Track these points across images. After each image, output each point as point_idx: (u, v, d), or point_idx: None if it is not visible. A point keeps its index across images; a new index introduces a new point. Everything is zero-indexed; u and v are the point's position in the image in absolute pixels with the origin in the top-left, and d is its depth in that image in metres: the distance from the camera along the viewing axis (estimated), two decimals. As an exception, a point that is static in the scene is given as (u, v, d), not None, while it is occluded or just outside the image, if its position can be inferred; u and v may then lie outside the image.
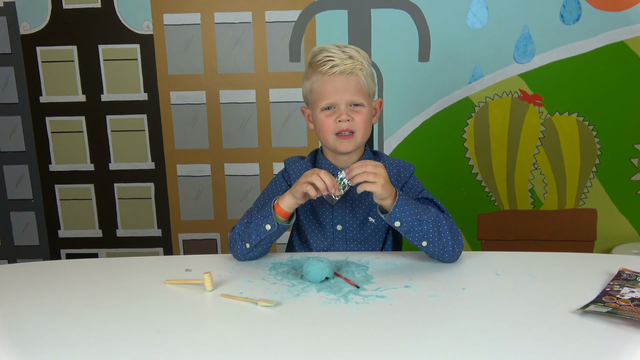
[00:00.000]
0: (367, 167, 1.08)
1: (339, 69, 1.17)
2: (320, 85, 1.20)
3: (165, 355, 0.82)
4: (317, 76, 1.20)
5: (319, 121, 1.22)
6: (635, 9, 1.98)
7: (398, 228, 1.12)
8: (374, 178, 1.07)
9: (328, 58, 1.18)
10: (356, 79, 1.18)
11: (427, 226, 1.12)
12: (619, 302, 0.93)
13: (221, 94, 2.18)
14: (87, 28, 2.14)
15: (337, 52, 1.19)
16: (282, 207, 1.15)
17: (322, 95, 1.19)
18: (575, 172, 2.14)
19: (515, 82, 2.08)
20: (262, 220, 1.16)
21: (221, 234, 2.31)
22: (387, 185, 1.10)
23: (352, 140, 1.21)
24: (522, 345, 0.82)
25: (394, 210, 1.10)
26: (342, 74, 1.17)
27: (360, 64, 1.19)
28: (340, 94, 1.18)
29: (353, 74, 1.18)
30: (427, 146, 2.16)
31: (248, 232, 1.18)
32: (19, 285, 1.11)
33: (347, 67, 1.17)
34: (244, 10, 2.11)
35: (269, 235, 1.16)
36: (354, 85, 1.18)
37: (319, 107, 1.21)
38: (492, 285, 1.05)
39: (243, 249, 1.19)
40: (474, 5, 2.03)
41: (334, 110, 1.20)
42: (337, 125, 1.19)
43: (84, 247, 2.35)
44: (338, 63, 1.17)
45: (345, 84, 1.18)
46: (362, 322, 0.91)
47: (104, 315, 0.96)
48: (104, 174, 2.28)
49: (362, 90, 1.19)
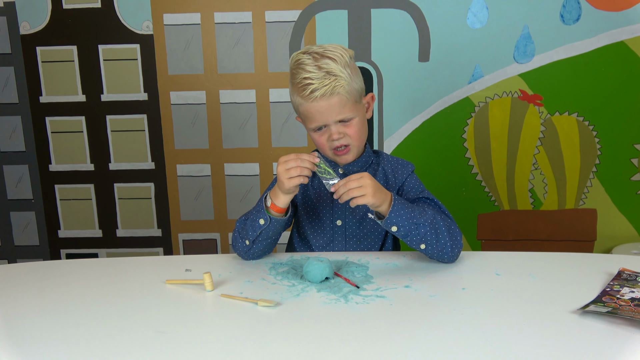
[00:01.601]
0: (350, 185, 1.08)
1: (319, 93, 1.13)
2: (305, 109, 1.18)
3: (165, 355, 0.82)
4: (300, 100, 1.17)
5: (314, 139, 1.23)
6: (635, 9, 1.98)
7: (395, 233, 1.12)
8: (359, 192, 1.07)
9: (307, 82, 1.14)
10: (338, 97, 1.14)
11: (424, 229, 1.11)
12: (619, 302, 0.93)
13: (221, 94, 2.18)
14: (87, 28, 2.14)
15: (313, 71, 1.13)
16: (277, 205, 1.16)
17: (309, 118, 1.19)
18: (575, 172, 2.14)
19: (515, 82, 2.08)
20: (256, 216, 1.17)
21: (221, 234, 2.31)
22: (379, 193, 1.09)
23: (350, 152, 1.22)
24: (522, 345, 0.82)
25: (390, 216, 1.10)
26: (323, 97, 1.14)
27: (341, 79, 1.13)
28: (325, 116, 1.16)
29: (334, 94, 1.14)
30: (427, 146, 2.16)
31: (245, 229, 1.19)
32: (19, 285, 1.11)
33: (326, 89, 1.12)
34: (244, 10, 2.11)
35: (264, 229, 1.16)
36: (337, 104, 1.15)
37: (309, 128, 1.21)
38: (492, 285, 1.05)
39: (243, 246, 1.20)
40: (474, 5, 2.03)
41: (325, 129, 1.20)
42: (331, 144, 1.20)
43: (84, 247, 2.35)
44: (317, 86, 1.13)
45: (328, 107, 1.15)
46: (362, 322, 0.91)
47: (104, 315, 0.96)
48: (104, 174, 2.28)
49: (346, 105, 1.16)
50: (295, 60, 1.18)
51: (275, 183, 1.31)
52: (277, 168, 1.12)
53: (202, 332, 0.89)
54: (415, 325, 0.90)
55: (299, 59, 1.17)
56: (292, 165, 1.10)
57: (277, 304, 0.98)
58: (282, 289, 1.05)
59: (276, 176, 1.30)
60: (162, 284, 1.09)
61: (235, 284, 1.08)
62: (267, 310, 0.96)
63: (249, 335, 0.88)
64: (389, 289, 1.03)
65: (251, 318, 0.94)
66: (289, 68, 1.22)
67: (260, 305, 0.97)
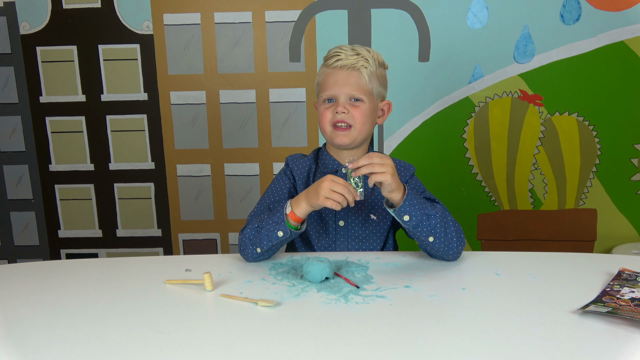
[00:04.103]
0: (373, 159, 1.08)
1: (341, 63, 1.21)
2: (324, 77, 1.24)
3: (165, 355, 0.82)
4: (323, 69, 1.26)
5: (320, 112, 1.25)
6: (635, 9, 1.98)
7: (406, 222, 1.12)
8: (381, 168, 1.07)
9: (336, 53, 1.23)
10: (358, 73, 1.21)
11: (434, 221, 1.12)
12: (619, 302, 0.93)
13: (221, 94, 2.18)
14: (87, 28, 2.14)
15: (346, 49, 1.23)
16: (297, 214, 1.14)
17: (324, 87, 1.24)
18: (575, 172, 2.14)
19: (515, 82, 2.08)
20: (274, 227, 1.15)
21: (221, 234, 2.31)
22: (396, 176, 1.10)
23: (349, 133, 1.22)
24: (522, 345, 0.82)
25: (404, 204, 1.10)
26: (344, 68, 1.21)
27: (365, 61, 1.21)
28: (340, 86, 1.21)
29: (355, 69, 1.21)
30: (427, 146, 2.16)
31: (259, 237, 1.16)
32: (19, 285, 1.11)
33: (350, 61, 1.20)
34: (244, 10, 2.11)
35: (280, 241, 1.16)
36: (355, 80, 1.21)
37: (321, 98, 1.25)
38: (492, 285, 1.05)
39: (254, 253, 1.18)
40: (474, 5, 2.03)
41: (334, 103, 1.23)
42: (334, 116, 1.22)
43: (84, 247, 2.35)
44: (343, 57, 1.21)
45: (345, 78, 1.21)
46: (362, 322, 0.91)
47: (104, 315, 0.96)
48: (104, 174, 2.28)
49: (362, 86, 1.21)
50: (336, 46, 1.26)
51: (275, 183, 1.31)
52: (323, 183, 1.10)
53: (202, 332, 0.89)
54: (415, 325, 0.90)
55: (340, 45, 1.26)
56: (339, 191, 1.09)
57: (277, 304, 0.98)
58: (282, 289, 1.05)
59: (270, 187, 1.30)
60: (162, 284, 1.09)
61: (235, 284, 1.08)
62: (267, 310, 0.96)
63: (249, 335, 0.88)
64: (389, 289, 1.03)
65: (251, 318, 0.94)
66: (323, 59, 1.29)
67: (260, 305, 0.97)
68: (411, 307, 0.96)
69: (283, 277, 1.11)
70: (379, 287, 1.04)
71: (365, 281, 1.07)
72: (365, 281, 1.07)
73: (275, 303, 0.98)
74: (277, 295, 1.02)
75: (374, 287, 1.04)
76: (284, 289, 1.05)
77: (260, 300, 0.98)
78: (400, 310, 0.95)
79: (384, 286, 1.04)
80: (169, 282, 1.09)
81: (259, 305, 0.97)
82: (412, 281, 1.07)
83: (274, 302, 0.98)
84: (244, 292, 1.03)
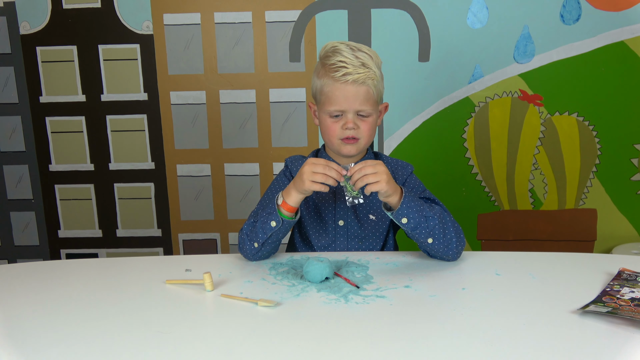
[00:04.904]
0: (365, 170, 1.08)
1: (351, 78, 1.16)
2: (330, 90, 1.19)
3: (165, 355, 0.82)
4: (329, 80, 1.19)
5: (326, 125, 1.23)
6: (635, 9, 1.98)
7: (405, 225, 1.12)
8: (374, 178, 1.08)
9: (342, 64, 1.17)
10: (366, 88, 1.18)
11: (433, 222, 1.12)
12: (619, 302, 0.93)
13: (221, 94, 2.18)
14: (87, 28, 2.14)
15: (350, 58, 1.17)
16: (289, 204, 1.15)
17: (332, 100, 1.19)
18: (575, 172, 2.14)
19: (515, 82, 2.08)
20: (267, 218, 1.16)
21: (221, 234, 2.31)
22: (391, 181, 1.10)
23: (356, 145, 1.22)
24: (522, 345, 0.82)
25: (401, 207, 1.10)
26: (354, 83, 1.17)
27: (373, 73, 1.18)
28: (350, 102, 1.18)
29: (365, 84, 1.17)
30: (427, 146, 2.16)
31: (255, 231, 1.18)
32: (19, 285, 1.11)
33: (360, 76, 1.16)
34: (244, 10, 2.11)
35: (275, 232, 1.16)
36: (364, 94, 1.18)
37: (326, 110, 1.21)
38: (492, 285, 1.05)
39: (252, 248, 1.19)
40: (474, 5, 2.03)
41: (341, 117, 1.21)
42: (342, 132, 1.20)
43: (84, 247, 2.35)
44: (351, 71, 1.16)
45: (355, 93, 1.18)
46: (362, 322, 0.91)
47: (104, 315, 0.96)
48: (104, 174, 2.28)
49: (370, 99, 1.19)
50: (332, 46, 1.21)
51: (274, 184, 1.32)
52: (304, 167, 1.11)
53: (202, 332, 0.89)
54: (415, 325, 0.90)
55: (336, 46, 1.20)
56: (320, 171, 1.10)
57: (277, 304, 0.98)
58: (282, 289, 1.05)
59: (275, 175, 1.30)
60: (162, 284, 1.09)
61: (235, 284, 1.08)
62: (267, 310, 0.96)
63: (249, 335, 0.88)
64: (389, 289, 1.03)
65: (251, 318, 0.94)
66: (319, 57, 1.25)
67: (260, 305, 0.97)
68: (411, 307, 0.96)
69: (283, 277, 1.11)
70: (379, 287, 1.04)
71: (365, 281, 1.07)
72: (365, 281, 1.07)
73: (275, 303, 0.98)
74: (277, 295, 1.02)
75: (374, 287, 1.04)
76: (284, 289, 1.05)
77: (260, 300, 0.98)
78: (400, 310, 0.95)
79: (384, 286, 1.04)
80: (169, 282, 1.09)
81: (259, 305, 0.97)
82: (412, 281, 1.07)
83: (274, 302, 0.98)
84: (244, 292, 1.04)
